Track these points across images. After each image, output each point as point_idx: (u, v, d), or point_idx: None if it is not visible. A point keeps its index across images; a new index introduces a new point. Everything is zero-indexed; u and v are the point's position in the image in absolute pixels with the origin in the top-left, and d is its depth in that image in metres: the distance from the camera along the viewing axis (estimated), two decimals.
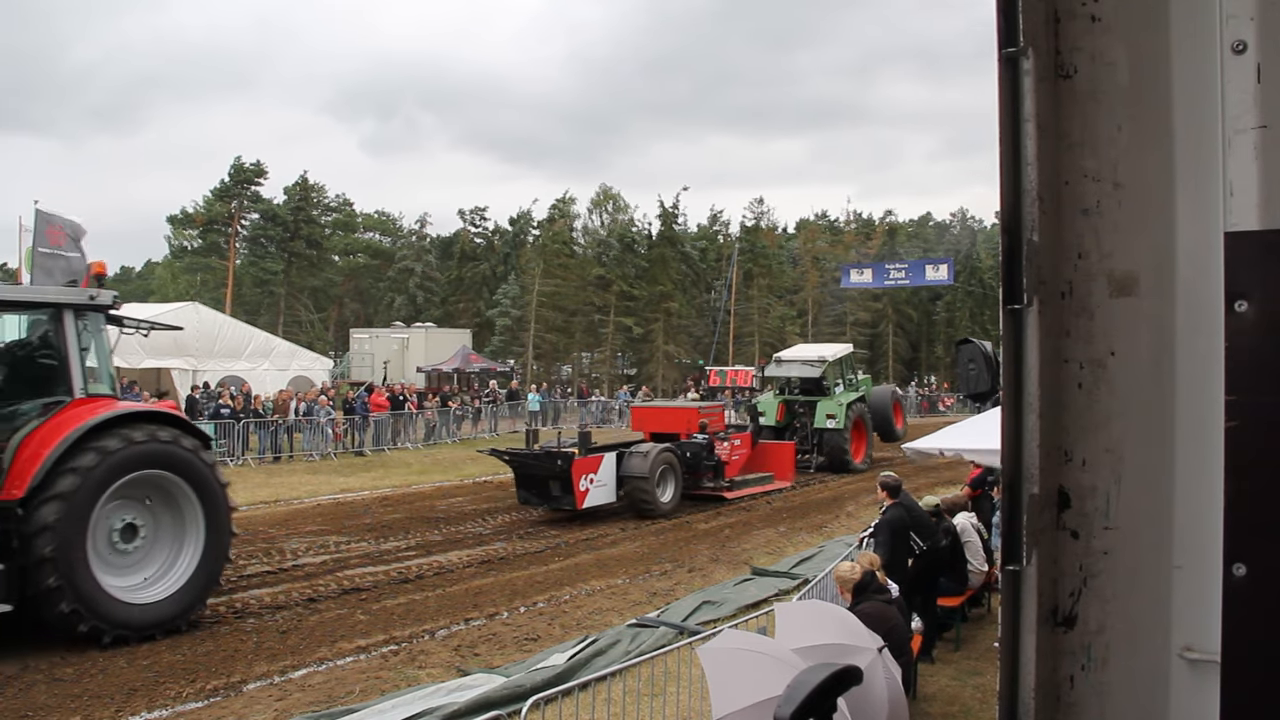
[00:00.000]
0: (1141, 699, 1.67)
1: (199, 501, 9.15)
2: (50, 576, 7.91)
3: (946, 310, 62.03)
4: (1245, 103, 1.53)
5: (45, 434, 8.37)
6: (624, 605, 10.34)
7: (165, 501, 9.12)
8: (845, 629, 5.04)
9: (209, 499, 9.22)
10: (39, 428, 8.45)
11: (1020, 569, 1.66)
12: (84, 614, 8.13)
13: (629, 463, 15.98)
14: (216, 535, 9.25)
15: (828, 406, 22.26)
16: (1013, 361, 1.66)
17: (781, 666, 4.35)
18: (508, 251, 60.84)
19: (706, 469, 17.60)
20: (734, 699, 4.22)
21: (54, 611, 8.02)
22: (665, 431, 17.77)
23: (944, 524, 9.20)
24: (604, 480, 15.59)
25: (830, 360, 23.15)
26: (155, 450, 8.78)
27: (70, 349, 8.85)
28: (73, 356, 8.86)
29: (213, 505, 9.23)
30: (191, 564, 9.05)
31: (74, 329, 8.90)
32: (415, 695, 7.18)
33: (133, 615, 8.55)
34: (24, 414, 8.66)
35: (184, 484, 9.06)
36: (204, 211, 55.29)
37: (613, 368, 57.00)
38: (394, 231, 68.22)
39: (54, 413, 8.63)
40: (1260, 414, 1.48)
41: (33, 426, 8.48)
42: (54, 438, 8.30)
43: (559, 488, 15.19)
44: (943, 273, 46.82)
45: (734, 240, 61.66)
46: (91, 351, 9.19)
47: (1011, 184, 1.64)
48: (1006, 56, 1.63)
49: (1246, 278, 1.51)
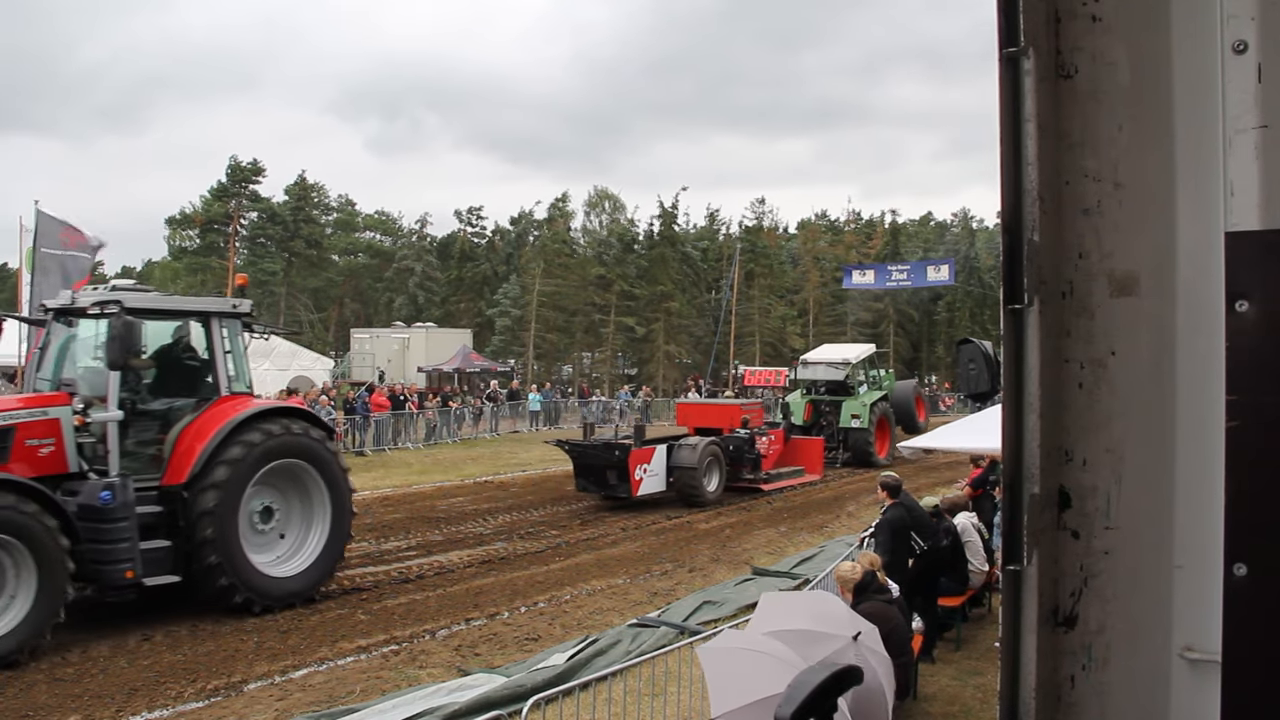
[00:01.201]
0: (1142, 699, 1.67)
1: (325, 486, 10.30)
2: (211, 554, 9.09)
3: (947, 310, 62.03)
4: (1246, 103, 1.53)
5: (199, 428, 9.49)
6: (625, 605, 10.34)
7: (295, 486, 10.25)
8: (819, 616, 5.02)
9: (333, 484, 10.38)
10: (192, 422, 9.57)
11: (1021, 569, 1.66)
12: (239, 587, 9.33)
13: (678, 454, 16.98)
14: (340, 516, 10.39)
15: (852, 407, 23.47)
16: (1013, 361, 1.66)
17: (781, 665, 4.35)
18: (509, 252, 60.84)
19: (747, 461, 18.51)
20: (733, 698, 4.22)
21: (214, 585, 9.22)
22: (709, 426, 19.06)
23: (944, 524, 9.20)
24: (656, 470, 16.63)
25: (854, 362, 24.60)
26: (291, 442, 9.96)
27: (217, 352, 10.04)
28: (219, 359, 10.04)
29: (336, 489, 10.41)
30: (320, 542, 10.22)
31: (219, 334, 10.08)
32: (416, 695, 7.18)
33: (274, 587, 9.70)
34: (178, 410, 9.74)
35: (313, 471, 10.24)
36: (203, 212, 55.29)
37: (613, 368, 57.00)
38: (394, 231, 68.23)
39: (204, 409, 9.71)
40: (1261, 414, 1.48)
41: (187, 421, 9.60)
42: (207, 431, 9.40)
43: (615, 476, 16.26)
44: (944, 273, 46.80)
45: (735, 240, 61.64)
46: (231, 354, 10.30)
47: (1012, 184, 1.64)
48: (1007, 56, 1.63)
49: (1247, 278, 1.51)
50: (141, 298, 9.75)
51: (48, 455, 8.68)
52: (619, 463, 16.22)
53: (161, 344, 10.12)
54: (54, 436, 8.75)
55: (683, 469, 16.85)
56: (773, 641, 4.65)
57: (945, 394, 49.09)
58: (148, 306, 9.62)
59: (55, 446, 8.74)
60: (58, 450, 8.75)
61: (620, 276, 55.61)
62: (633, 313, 55.74)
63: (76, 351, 9.93)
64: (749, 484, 18.57)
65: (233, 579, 9.26)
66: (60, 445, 8.78)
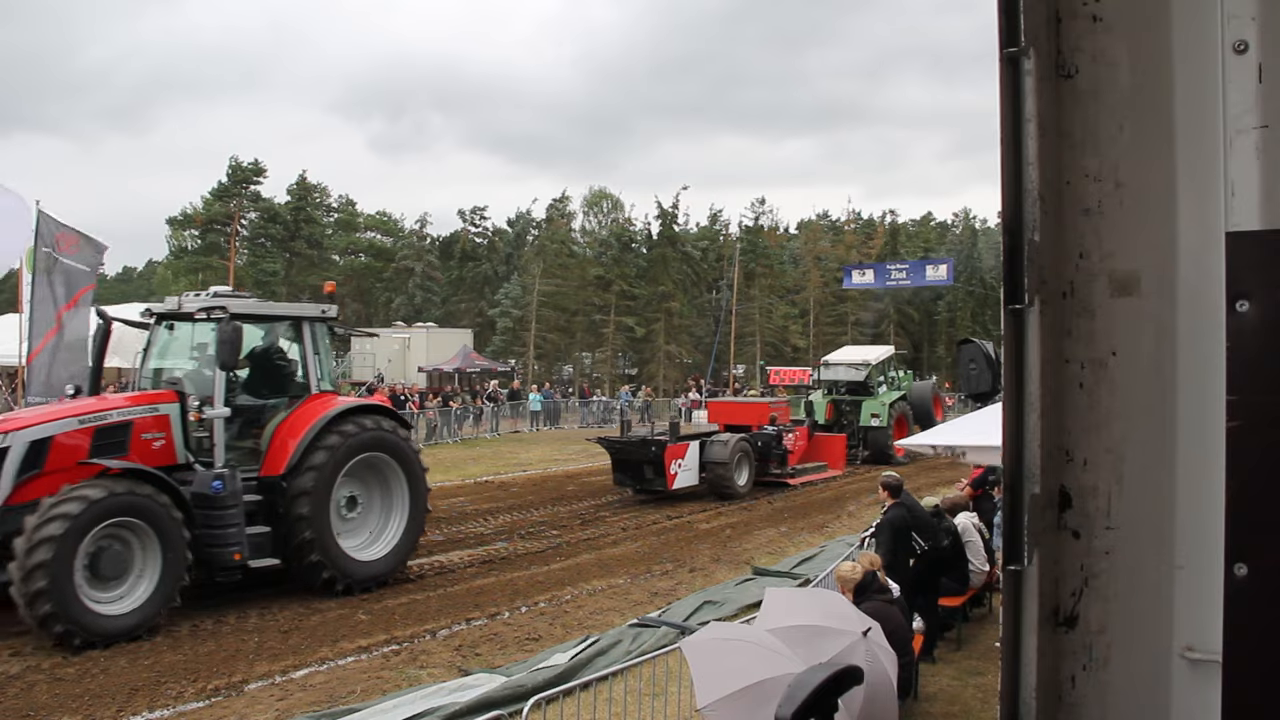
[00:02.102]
0: (1143, 699, 1.67)
1: (404, 478, 11.09)
2: (307, 541, 9.91)
3: (948, 310, 62.00)
4: (1246, 103, 1.53)
5: (293, 423, 10.29)
6: (625, 605, 10.33)
7: (377, 477, 11.02)
8: (828, 613, 5.02)
9: (412, 476, 11.17)
10: (286, 419, 10.36)
11: (1022, 569, 1.66)
12: (331, 569, 10.16)
13: (711, 450, 17.73)
14: (417, 506, 11.19)
15: (872, 406, 24.47)
16: (1014, 361, 1.66)
17: (763, 652, 4.34)
18: (510, 251, 60.81)
19: (775, 457, 19.32)
20: (717, 687, 4.20)
21: (310, 568, 10.05)
22: (739, 423, 19.69)
23: (945, 524, 9.20)
24: (689, 465, 17.37)
25: (874, 363, 25.79)
26: (376, 436, 10.77)
27: (309, 354, 10.88)
28: (310, 360, 10.88)
29: (415, 481, 11.18)
30: (399, 529, 11.01)
31: (310, 337, 10.89)
32: (417, 695, 7.18)
33: (360, 570, 10.51)
34: (273, 407, 10.51)
35: (394, 463, 11.02)
36: (203, 212, 55.28)
37: (614, 368, 57.00)
38: (395, 231, 68.21)
39: (295, 406, 10.50)
40: (1261, 414, 1.48)
41: (282, 417, 10.39)
42: (301, 427, 10.19)
43: (652, 471, 17.04)
44: (943, 272, 46.80)
45: (735, 240, 61.62)
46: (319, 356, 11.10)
47: (1013, 184, 1.64)
48: (1008, 56, 1.64)
49: (1248, 278, 1.51)
50: (242, 304, 10.53)
51: (160, 448, 9.50)
52: (655, 458, 16.93)
53: (254, 346, 10.84)
54: (164, 431, 9.58)
55: (715, 464, 17.58)
56: (761, 633, 4.64)
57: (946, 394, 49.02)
58: (249, 312, 10.47)
59: (165, 440, 9.57)
60: (168, 444, 9.59)
61: (620, 276, 55.58)
62: (633, 313, 55.72)
63: (180, 353, 10.84)
64: (776, 478, 19.25)
65: (326, 562, 10.07)
66: (170, 439, 9.61)
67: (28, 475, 8.63)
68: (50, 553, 7.96)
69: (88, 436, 9.01)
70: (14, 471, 8.59)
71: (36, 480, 8.63)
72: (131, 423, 9.33)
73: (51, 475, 8.66)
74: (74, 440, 8.94)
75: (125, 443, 9.21)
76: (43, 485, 8.57)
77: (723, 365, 51.29)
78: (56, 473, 8.68)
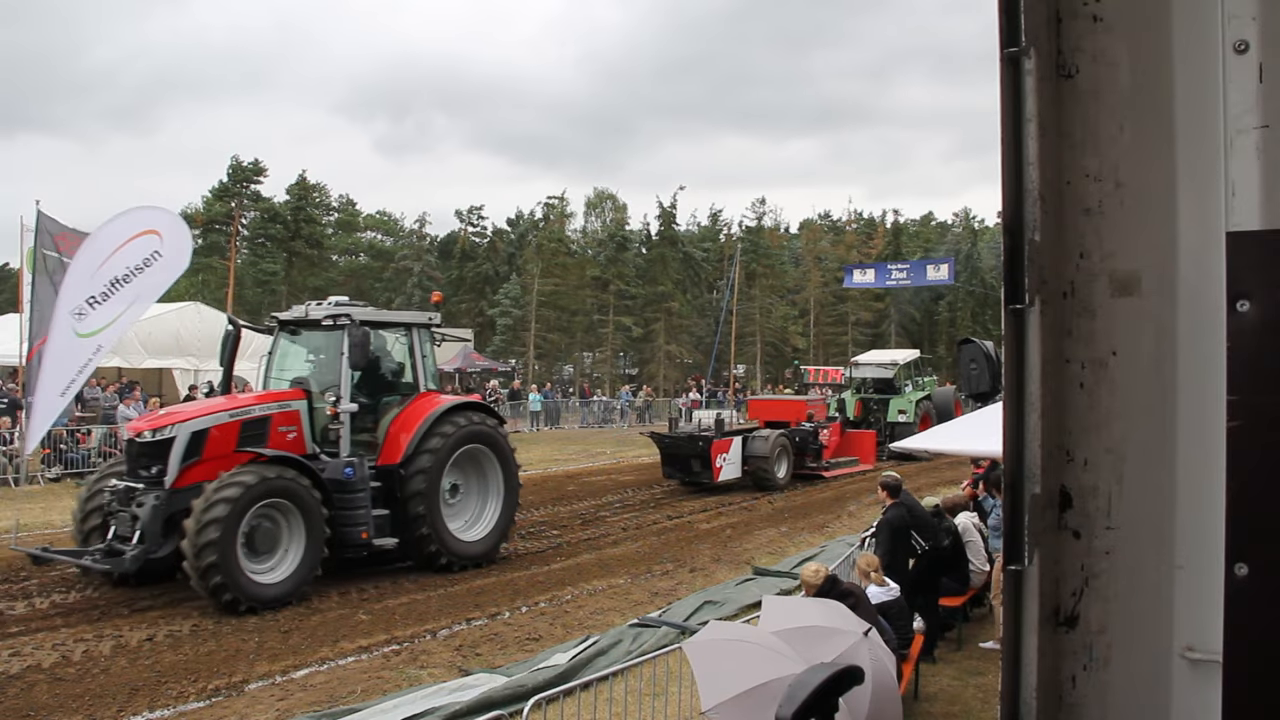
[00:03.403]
0: (1143, 699, 1.67)
1: (499, 466, 12.30)
2: (421, 524, 11.08)
3: (949, 310, 61.98)
4: (1247, 103, 1.53)
5: (405, 418, 11.47)
6: (626, 605, 10.33)
7: (475, 466, 12.20)
8: (829, 614, 5.02)
9: (506, 465, 12.38)
10: (400, 414, 11.54)
11: (1022, 569, 1.66)
12: (441, 550, 11.32)
13: (753, 445, 19.03)
14: (511, 493, 12.42)
15: (899, 403, 26.37)
16: (1015, 361, 1.66)
17: (766, 653, 4.33)
18: (511, 252, 60.79)
19: (811, 451, 20.49)
20: (721, 689, 4.19)
21: (424, 549, 11.25)
22: (777, 420, 21.13)
23: (945, 524, 9.20)
24: (733, 459, 18.56)
25: (901, 364, 28.29)
26: (478, 430, 12.03)
27: (418, 356, 12.09)
28: (419, 361, 12.09)
29: (508, 469, 12.40)
30: (495, 514, 12.21)
31: (418, 341, 12.10)
32: (417, 695, 7.18)
33: (465, 549, 11.67)
34: (387, 403, 11.73)
35: (490, 454, 12.25)
36: (204, 211, 55.25)
37: (614, 368, 56.99)
38: (395, 231, 68.21)
39: (407, 404, 11.69)
40: (1262, 414, 1.48)
41: (395, 413, 11.58)
42: (414, 421, 11.36)
43: (699, 464, 18.24)
44: (943, 272, 46.80)
45: (735, 240, 61.61)
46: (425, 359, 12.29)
47: (1014, 184, 1.64)
48: (1009, 56, 1.63)
49: (1248, 278, 1.51)
50: (361, 312, 11.66)
51: (292, 439, 10.73)
52: (702, 452, 18.11)
53: None
54: (295, 424, 10.84)
55: (756, 458, 18.84)
56: (763, 634, 4.64)
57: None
58: (369, 319, 11.55)
59: (297, 432, 10.82)
60: (299, 436, 10.83)
61: (618, 276, 55.56)
62: (631, 312, 55.70)
63: (301, 356, 12.08)
64: (812, 471, 20.39)
65: (437, 544, 11.27)
66: (300, 431, 10.86)
67: (190, 462, 9.91)
68: (217, 532, 9.11)
69: (236, 429, 10.35)
70: (179, 458, 9.86)
71: (196, 466, 9.92)
72: (270, 417, 10.64)
73: (208, 462, 9.96)
74: (225, 432, 10.26)
75: (265, 435, 10.50)
76: (201, 471, 9.87)
77: (723, 365, 51.26)
78: (211, 460, 9.98)
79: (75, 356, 11.83)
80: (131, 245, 11.82)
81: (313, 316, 11.54)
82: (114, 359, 22.84)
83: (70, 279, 12.02)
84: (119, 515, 9.91)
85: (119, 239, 11.87)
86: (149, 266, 11.82)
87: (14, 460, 17.73)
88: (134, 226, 12.04)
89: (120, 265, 11.70)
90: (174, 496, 9.66)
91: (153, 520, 9.53)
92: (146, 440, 10.01)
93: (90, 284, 11.67)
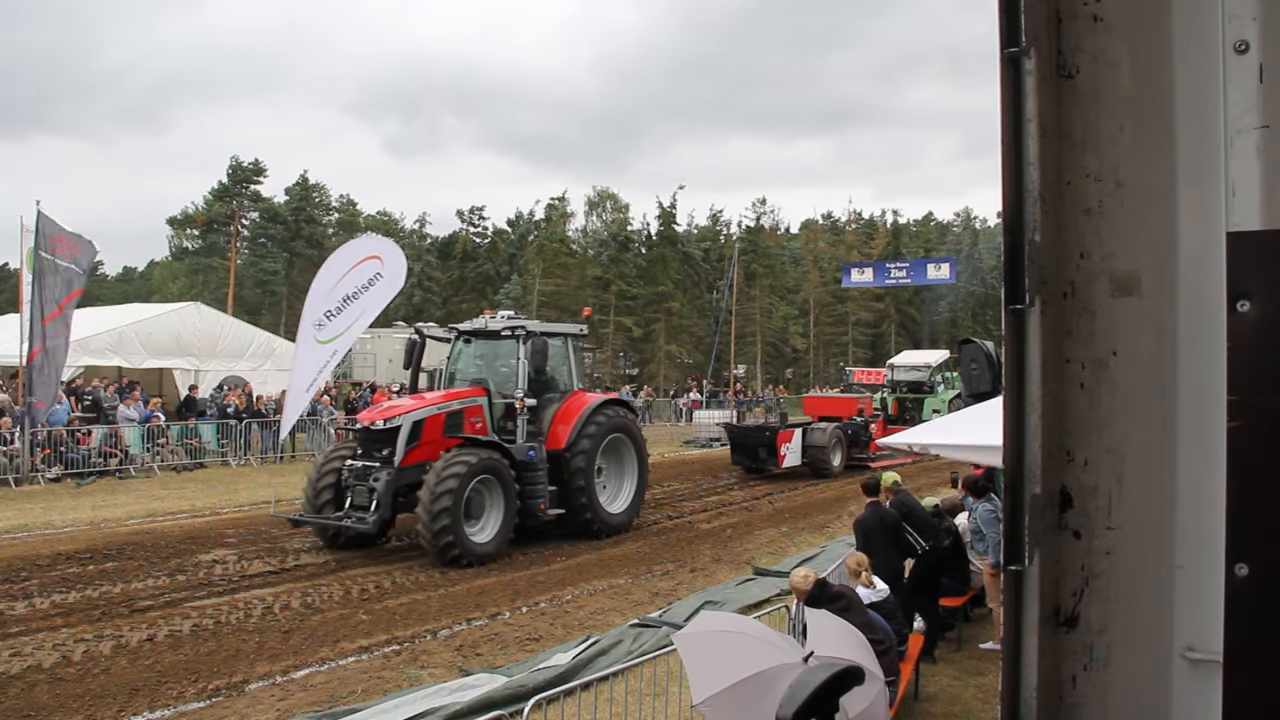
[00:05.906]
0: (1143, 699, 1.67)
1: (634, 451, 14.78)
2: (582, 498, 13.53)
3: (949, 310, 61.95)
4: (1247, 103, 1.53)
5: (565, 411, 13.91)
6: (626, 605, 10.33)
7: (613, 451, 14.60)
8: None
9: (640, 451, 14.87)
10: (559, 409, 13.93)
11: (1023, 569, 1.66)
12: (594, 519, 13.72)
13: (812, 436, 21.41)
14: (642, 475, 14.91)
15: (933, 402, 28.26)
16: (1015, 361, 1.66)
17: (756, 644, 4.31)
18: (513, 252, 60.76)
19: (861, 443, 22.66)
20: (711, 682, 4.15)
21: (582, 519, 13.59)
22: (832, 415, 23.39)
23: (945, 524, 9.20)
24: (795, 449, 20.91)
25: (933, 365, 30.25)
26: (621, 421, 14.54)
27: (573, 360, 14.72)
28: (574, 365, 14.74)
29: (641, 453, 14.87)
30: (631, 492, 14.74)
31: (571, 348, 14.71)
32: (417, 695, 7.18)
33: (611, 519, 14.11)
34: (549, 399, 14.01)
35: (628, 441, 14.72)
36: (204, 212, 55.26)
37: (614, 368, 56.98)
38: (396, 232, 68.22)
39: (564, 400, 14.11)
40: (1262, 414, 1.48)
41: (556, 407, 13.95)
42: (573, 414, 13.81)
43: (765, 452, 20.67)
44: (944, 271, 46.78)
45: (735, 240, 61.58)
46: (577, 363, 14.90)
47: (1014, 184, 1.64)
48: (1009, 56, 1.63)
49: (1248, 278, 1.51)
50: (532, 324, 14.11)
51: (480, 428, 13.05)
52: (769, 442, 20.52)
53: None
54: (480, 416, 13.14)
55: (815, 448, 21.22)
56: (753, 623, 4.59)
57: None
58: (536, 330, 13.86)
59: (482, 423, 13.14)
60: (484, 425, 13.13)
61: (618, 276, 55.55)
62: (632, 313, 55.69)
63: (474, 359, 14.55)
64: (860, 461, 22.09)
65: (592, 514, 13.67)
66: (484, 422, 13.17)
67: (412, 445, 12.24)
68: (450, 501, 11.45)
69: (442, 419, 12.67)
70: (405, 441, 12.18)
71: (416, 449, 12.25)
72: (464, 410, 12.95)
73: (424, 446, 12.28)
74: (435, 422, 12.57)
75: (461, 424, 12.83)
76: (419, 453, 12.22)
77: (723, 365, 51.26)
78: (427, 444, 12.31)
79: (316, 359, 14.31)
80: (359, 268, 14.30)
81: (491, 328, 14.10)
82: (114, 359, 22.84)
83: (311, 296, 14.63)
84: (355, 488, 12.16)
85: (348, 263, 14.49)
86: (373, 286, 14.19)
87: (14, 460, 17.73)
88: (360, 252, 14.77)
89: (350, 285, 14.17)
90: (401, 473, 12.02)
91: (386, 491, 11.86)
92: (378, 428, 12.36)
93: (327, 300, 14.23)
